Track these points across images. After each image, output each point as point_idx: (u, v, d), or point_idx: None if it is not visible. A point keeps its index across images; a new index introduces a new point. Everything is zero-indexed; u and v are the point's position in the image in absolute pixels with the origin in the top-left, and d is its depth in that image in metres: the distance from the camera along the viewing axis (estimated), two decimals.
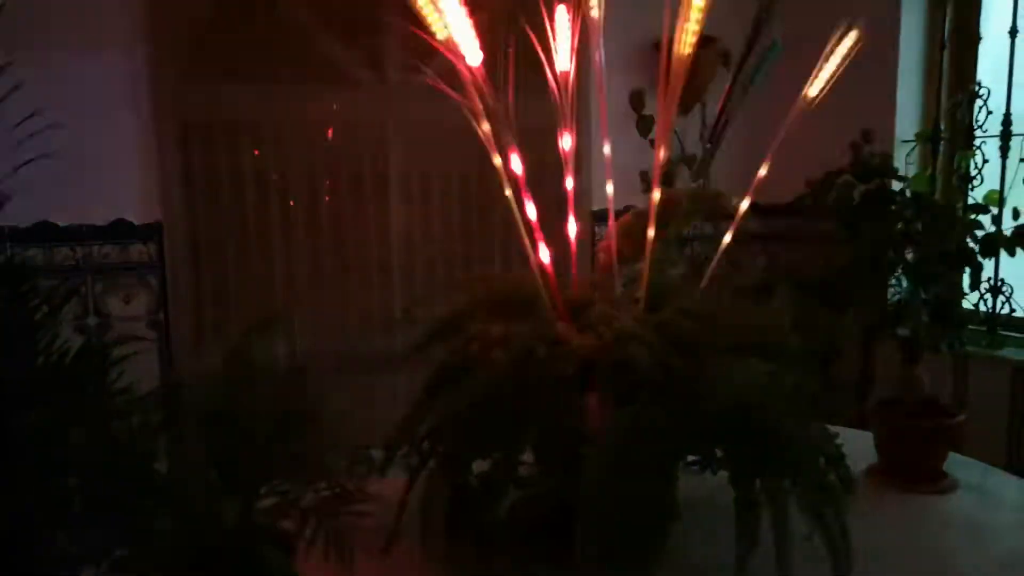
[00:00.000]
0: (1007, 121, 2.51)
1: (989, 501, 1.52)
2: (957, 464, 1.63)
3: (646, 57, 3.11)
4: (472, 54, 1.08)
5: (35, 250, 2.25)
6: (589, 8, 1.23)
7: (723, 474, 1.17)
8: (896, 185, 1.66)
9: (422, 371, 1.39)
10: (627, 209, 1.46)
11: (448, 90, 1.27)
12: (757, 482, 1.12)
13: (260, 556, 0.98)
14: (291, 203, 2.64)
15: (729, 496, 1.10)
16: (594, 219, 2.89)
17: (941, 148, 2.74)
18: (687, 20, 1.20)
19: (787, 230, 2.97)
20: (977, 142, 2.64)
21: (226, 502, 1.01)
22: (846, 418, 1.77)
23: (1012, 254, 1.43)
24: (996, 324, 2.58)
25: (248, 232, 2.55)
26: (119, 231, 2.38)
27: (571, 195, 1.40)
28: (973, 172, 2.63)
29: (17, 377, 1.59)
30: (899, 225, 1.54)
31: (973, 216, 1.49)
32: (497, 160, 1.29)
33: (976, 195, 2.59)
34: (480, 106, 1.25)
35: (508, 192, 1.30)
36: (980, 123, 2.62)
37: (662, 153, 1.26)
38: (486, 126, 1.29)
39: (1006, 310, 2.58)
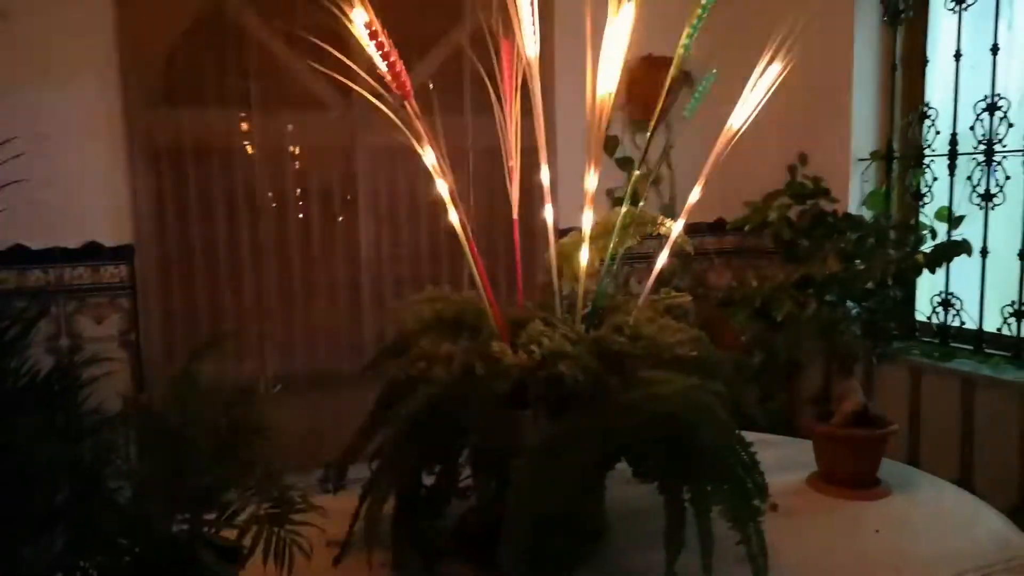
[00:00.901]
0: (953, 141, 2.60)
1: (919, 505, 1.59)
2: (892, 471, 1.70)
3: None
4: (404, 91, 1.15)
5: (7, 273, 2.31)
6: (524, 47, 1.30)
7: None
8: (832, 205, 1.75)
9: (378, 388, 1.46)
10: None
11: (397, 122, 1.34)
12: (684, 489, 1.19)
13: (205, 565, 1.03)
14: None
15: None
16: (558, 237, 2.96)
17: (895, 166, 2.84)
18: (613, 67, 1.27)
19: (754, 245, 3.05)
20: (927, 160, 2.73)
21: (174, 513, 1.07)
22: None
23: (932, 271, 1.51)
24: (947, 337, 2.66)
25: (218, 253, 2.61)
26: (91, 253, 2.43)
27: (516, 221, 1.46)
28: (924, 189, 2.73)
29: None
30: (833, 244, 1.62)
31: (897, 235, 1.56)
32: (440, 187, 1.36)
33: (928, 211, 2.69)
34: (424, 137, 1.32)
35: (452, 218, 1.37)
36: (929, 143, 2.72)
37: (593, 178, 1.32)
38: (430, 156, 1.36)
39: (957, 323, 2.66)
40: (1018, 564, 1.35)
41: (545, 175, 1.40)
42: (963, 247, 1.48)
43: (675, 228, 1.44)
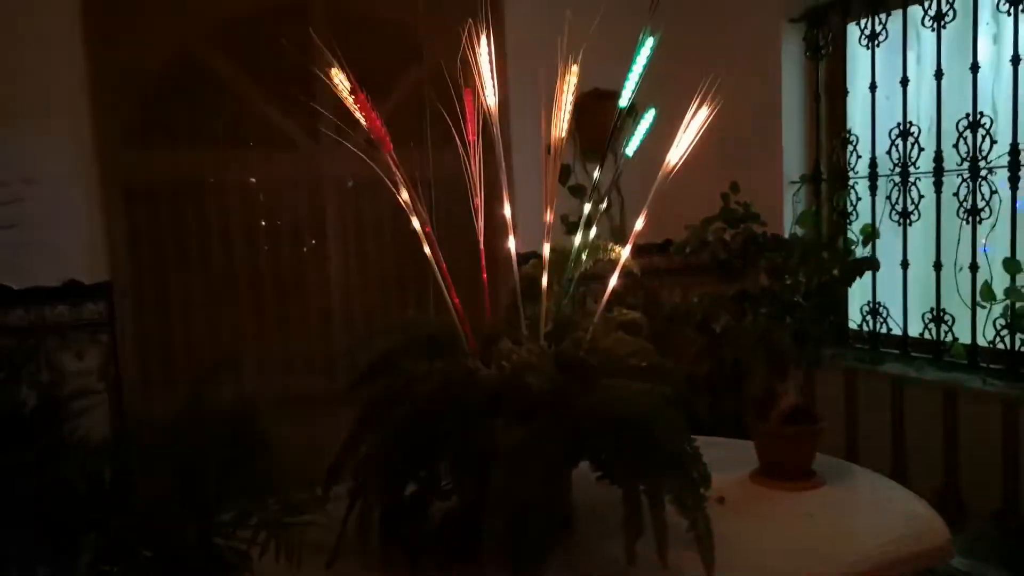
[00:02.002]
0: (873, 164, 2.86)
1: (848, 492, 1.78)
2: (828, 464, 1.90)
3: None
4: (384, 143, 1.32)
5: None
6: (484, 97, 1.48)
7: None
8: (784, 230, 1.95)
9: (358, 406, 1.60)
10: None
11: (371, 164, 1.51)
12: (639, 481, 1.36)
13: (220, 563, 1.16)
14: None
15: None
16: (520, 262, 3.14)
17: (823, 188, 3.09)
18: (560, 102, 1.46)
19: (699, 263, 3.27)
20: (851, 182, 2.99)
21: (188, 519, 1.19)
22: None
23: (849, 284, 1.72)
24: (877, 342, 2.90)
25: (193, 286, 2.72)
26: (71, 291, 2.53)
27: (482, 249, 1.63)
28: (849, 209, 2.98)
29: None
30: (763, 262, 1.82)
31: (825, 254, 1.77)
32: (415, 224, 1.53)
33: (855, 228, 2.94)
34: (398, 176, 1.49)
35: (426, 249, 1.54)
36: (852, 166, 2.98)
37: (550, 215, 1.50)
38: (404, 194, 1.53)
39: (885, 329, 2.91)
40: (928, 537, 1.55)
41: (508, 210, 1.57)
42: (871, 263, 1.70)
43: (624, 252, 1.62)
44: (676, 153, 1.59)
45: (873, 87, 2.86)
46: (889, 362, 2.80)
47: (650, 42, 1.38)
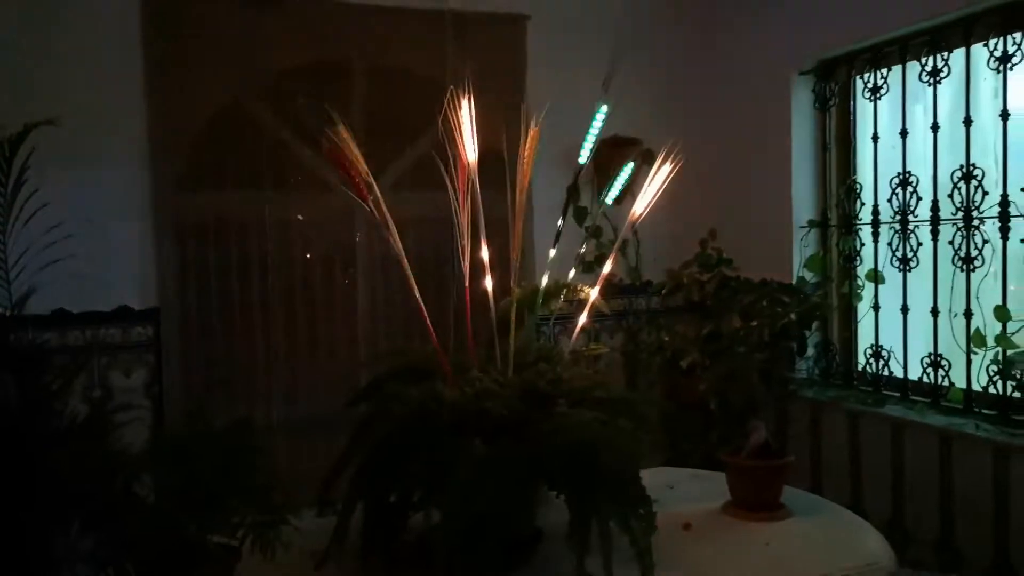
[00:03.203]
0: (875, 211, 2.95)
1: (811, 525, 1.88)
2: (800, 499, 2.00)
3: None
4: (363, 196, 1.53)
5: (51, 333, 2.68)
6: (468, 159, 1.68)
7: None
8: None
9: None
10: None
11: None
12: (586, 499, 1.50)
13: (209, 554, 1.36)
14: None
15: None
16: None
17: (831, 233, 3.18)
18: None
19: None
20: (857, 228, 3.07)
21: (186, 517, 1.40)
22: None
23: (806, 329, 1.83)
24: (880, 385, 2.95)
25: (232, 315, 2.99)
26: (122, 316, 2.82)
27: (467, 287, 1.81)
28: (855, 254, 3.06)
29: (38, 435, 2.03)
30: (735, 304, 1.95)
31: (783, 297, 1.89)
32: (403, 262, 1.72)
33: (860, 272, 3.02)
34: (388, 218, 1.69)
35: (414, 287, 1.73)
36: (857, 212, 3.06)
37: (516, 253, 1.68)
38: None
39: (887, 372, 2.95)
40: (875, 567, 1.64)
41: (485, 253, 1.76)
42: (823, 308, 1.81)
43: (592, 292, 1.78)
44: (641, 204, 1.75)
45: (875, 138, 2.96)
46: (891, 404, 2.85)
47: (604, 111, 1.56)
